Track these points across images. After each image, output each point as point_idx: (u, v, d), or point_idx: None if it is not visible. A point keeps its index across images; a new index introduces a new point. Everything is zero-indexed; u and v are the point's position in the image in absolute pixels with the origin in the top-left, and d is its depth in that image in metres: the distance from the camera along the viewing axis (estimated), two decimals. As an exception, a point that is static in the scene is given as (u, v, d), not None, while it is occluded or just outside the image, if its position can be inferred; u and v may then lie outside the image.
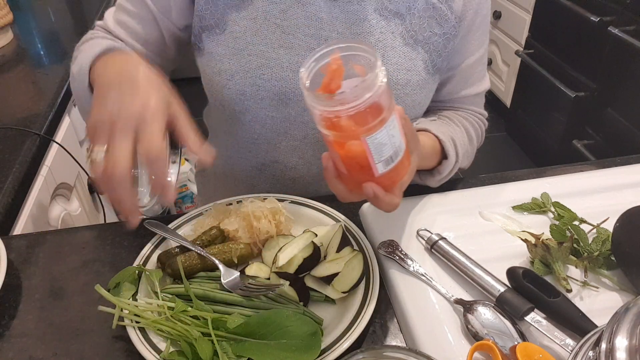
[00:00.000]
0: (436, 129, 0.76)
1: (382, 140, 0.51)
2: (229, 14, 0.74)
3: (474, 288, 0.62)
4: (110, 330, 0.59)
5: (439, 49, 0.77)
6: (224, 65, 0.75)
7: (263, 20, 0.73)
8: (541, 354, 0.51)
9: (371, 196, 0.55)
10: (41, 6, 1.69)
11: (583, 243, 0.66)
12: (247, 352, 0.54)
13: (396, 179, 0.57)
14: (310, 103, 0.50)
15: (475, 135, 0.87)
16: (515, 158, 2.64)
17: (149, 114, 0.53)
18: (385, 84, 0.49)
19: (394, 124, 0.52)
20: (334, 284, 0.60)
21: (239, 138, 0.82)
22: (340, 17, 0.73)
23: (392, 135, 0.52)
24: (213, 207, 0.74)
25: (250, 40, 0.73)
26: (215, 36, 0.75)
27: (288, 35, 0.73)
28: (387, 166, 0.54)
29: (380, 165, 0.53)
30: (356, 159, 0.53)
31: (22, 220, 0.90)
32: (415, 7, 0.74)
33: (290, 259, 0.63)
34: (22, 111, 1.07)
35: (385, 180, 0.55)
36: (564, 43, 2.20)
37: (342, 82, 0.52)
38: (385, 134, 0.51)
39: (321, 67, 0.51)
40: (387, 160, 0.53)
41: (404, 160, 0.56)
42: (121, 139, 0.51)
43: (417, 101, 0.79)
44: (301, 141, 0.79)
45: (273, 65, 0.73)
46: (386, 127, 0.51)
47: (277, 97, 0.75)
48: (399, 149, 0.54)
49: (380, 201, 0.56)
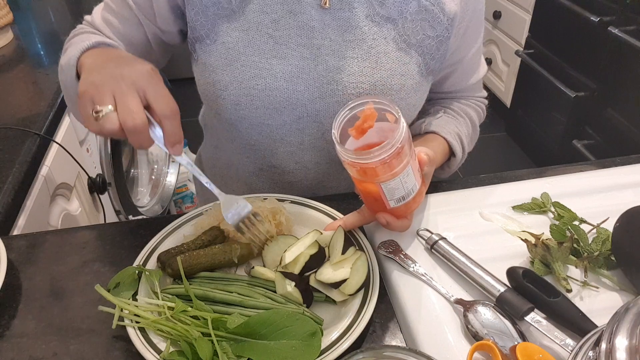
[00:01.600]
0: (443, 130, 0.82)
1: (394, 186, 0.61)
2: (219, 25, 0.73)
3: (474, 288, 0.62)
4: (110, 330, 0.59)
5: (432, 52, 0.77)
6: (218, 76, 0.75)
7: (255, 31, 0.73)
8: (541, 354, 0.51)
9: (384, 224, 0.66)
10: (41, 6, 1.69)
11: (583, 243, 0.66)
12: (247, 352, 0.54)
13: (408, 211, 0.67)
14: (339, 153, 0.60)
15: (478, 117, 0.93)
16: (515, 158, 2.64)
17: (153, 76, 0.57)
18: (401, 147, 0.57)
19: (408, 173, 0.60)
20: (342, 288, 0.60)
21: (236, 144, 0.82)
22: (332, 25, 0.73)
23: (405, 182, 0.61)
24: (213, 207, 0.74)
25: (243, 51, 0.73)
26: (206, 47, 0.75)
27: (281, 46, 0.73)
28: (398, 203, 0.63)
29: (392, 202, 0.63)
30: (371, 195, 0.63)
31: (22, 220, 0.90)
32: (407, 11, 0.74)
33: (297, 257, 0.63)
34: (22, 111, 1.07)
35: (397, 211, 0.65)
36: (564, 43, 2.20)
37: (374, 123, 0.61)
38: (398, 182, 0.60)
39: (358, 112, 0.61)
40: (398, 199, 0.63)
41: (417, 195, 0.65)
42: (130, 95, 0.54)
43: (411, 104, 0.79)
44: (297, 147, 0.80)
45: (266, 76, 0.73)
46: (400, 177, 0.60)
47: (272, 106, 0.75)
48: (412, 190, 0.63)
49: (393, 227, 0.66)
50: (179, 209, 2.16)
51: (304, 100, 0.74)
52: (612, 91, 1.96)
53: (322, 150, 0.80)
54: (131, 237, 0.75)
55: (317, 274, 0.62)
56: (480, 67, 0.91)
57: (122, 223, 0.81)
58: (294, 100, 0.74)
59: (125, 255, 0.71)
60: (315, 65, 0.73)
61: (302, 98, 0.74)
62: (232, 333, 0.55)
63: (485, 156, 2.61)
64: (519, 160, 2.62)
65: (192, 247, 0.67)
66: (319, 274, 0.61)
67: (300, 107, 0.75)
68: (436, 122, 0.85)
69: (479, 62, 0.90)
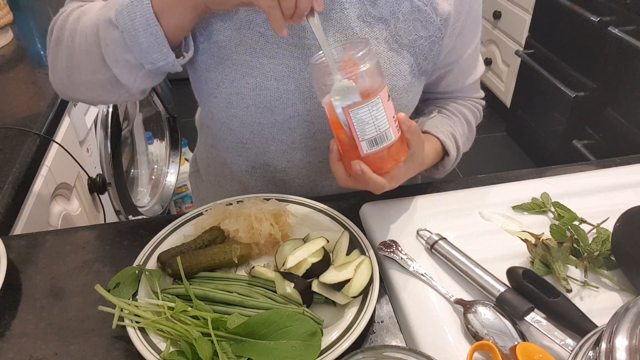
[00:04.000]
0: (436, 130, 0.81)
1: (364, 117, 0.60)
2: (213, 24, 0.73)
3: (474, 288, 0.62)
4: (110, 330, 0.59)
5: (425, 52, 0.77)
6: (210, 75, 0.75)
7: (247, 30, 0.73)
8: (541, 354, 0.51)
9: (358, 173, 0.62)
10: (41, 6, 1.69)
11: (583, 243, 0.66)
12: (247, 352, 0.54)
13: (384, 166, 0.64)
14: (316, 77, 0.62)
15: (474, 118, 0.92)
16: (515, 158, 2.64)
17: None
18: (373, 64, 0.59)
19: (378, 107, 0.60)
20: (344, 290, 0.60)
21: (228, 142, 0.83)
22: (323, 25, 0.73)
23: (376, 117, 0.60)
24: (213, 207, 0.74)
25: (234, 50, 0.73)
26: (199, 45, 0.75)
27: (272, 45, 0.73)
28: (371, 147, 0.61)
29: (364, 144, 0.61)
30: (345, 135, 0.62)
31: (22, 221, 0.90)
32: (399, 11, 0.74)
33: (299, 262, 0.63)
34: (22, 111, 1.07)
35: (372, 162, 0.63)
36: (564, 43, 2.20)
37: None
38: (367, 113, 0.59)
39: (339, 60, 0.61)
40: (370, 141, 0.61)
41: (394, 150, 0.63)
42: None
43: (403, 104, 0.79)
44: (289, 146, 0.80)
45: (257, 75, 0.73)
46: (368, 106, 0.59)
47: (263, 104, 0.75)
48: (385, 135, 0.61)
49: (368, 179, 0.62)
50: (179, 209, 2.16)
51: (294, 99, 0.75)
52: (612, 91, 1.96)
53: (314, 149, 0.81)
54: (131, 237, 0.75)
55: (320, 277, 0.61)
56: (477, 68, 0.90)
57: (122, 223, 0.81)
58: (285, 99, 0.74)
59: (125, 255, 0.71)
60: (306, 65, 0.73)
61: (292, 97, 0.74)
62: (232, 333, 0.55)
63: (485, 156, 2.61)
64: (519, 160, 2.62)
65: (192, 247, 0.67)
66: (322, 277, 0.61)
67: (290, 107, 0.75)
68: (429, 122, 0.84)
69: (476, 62, 0.89)
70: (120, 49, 0.65)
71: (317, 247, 0.64)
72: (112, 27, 0.64)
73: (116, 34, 0.64)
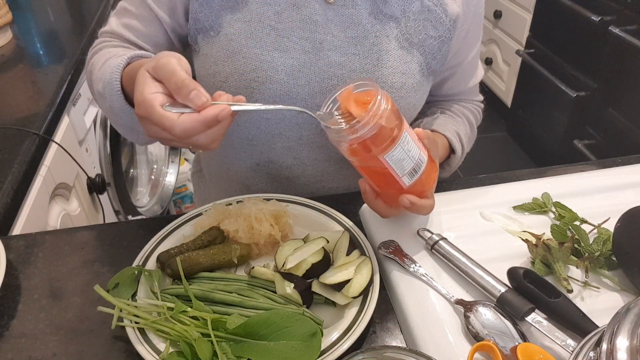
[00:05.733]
0: (443, 128, 0.83)
1: (399, 156, 0.59)
2: (223, 16, 0.73)
3: (475, 288, 0.61)
4: (110, 330, 0.59)
5: (434, 52, 0.77)
6: (218, 68, 0.75)
7: (257, 23, 0.73)
8: (542, 355, 0.51)
9: (408, 205, 0.62)
10: (41, 6, 1.68)
11: (584, 243, 0.66)
12: (247, 352, 0.54)
13: (426, 187, 0.64)
14: (332, 138, 0.59)
15: (475, 119, 0.93)
16: (516, 158, 2.64)
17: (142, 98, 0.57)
18: (389, 109, 0.56)
19: (407, 140, 0.59)
20: (344, 290, 0.60)
21: (234, 139, 0.82)
22: (335, 20, 0.73)
23: (408, 150, 0.59)
24: (213, 207, 0.74)
25: (245, 43, 0.73)
26: (209, 38, 0.75)
27: (282, 38, 0.73)
28: (412, 178, 0.61)
29: (405, 178, 0.61)
30: (383, 177, 0.61)
31: (21, 221, 0.90)
32: (410, 10, 0.74)
33: (299, 263, 0.63)
34: (21, 111, 1.07)
35: (416, 189, 0.63)
36: (564, 42, 2.20)
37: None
38: (400, 150, 0.58)
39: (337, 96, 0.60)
40: (410, 172, 0.61)
41: (430, 169, 0.63)
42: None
43: (411, 103, 0.79)
44: (296, 142, 0.79)
45: (267, 68, 0.73)
46: (400, 144, 0.58)
47: (271, 99, 0.74)
48: (420, 161, 0.61)
49: (418, 207, 0.63)
50: (178, 209, 2.16)
51: (304, 94, 0.74)
52: (613, 91, 1.96)
53: (321, 146, 0.80)
54: (130, 237, 0.75)
55: (320, 278, 0.61)
56: (477, 71, 0.92)
57: (121, 223, 0.81)
58: (294, 94, 0.74)
59: (124, 256, 0.71)
60: (317, 60, 0.73)
61: (302, 92, 0.74)
62: (231, 333, 0.55)
63: (485, 156, 2.60)
64: (519, 160, 2.62)
65: (191, 247, 0.67)
66: (322, 277, 0.61)
67: (300, 102, 0.75)
68: (435, 121, 0.85)
69: (477, 65, 0.91)
70: (116, 115, 0.69)
71: (317, 248, 0.64)
72: (103, 99, 0.69)
73: (107, 105, 0.68)
